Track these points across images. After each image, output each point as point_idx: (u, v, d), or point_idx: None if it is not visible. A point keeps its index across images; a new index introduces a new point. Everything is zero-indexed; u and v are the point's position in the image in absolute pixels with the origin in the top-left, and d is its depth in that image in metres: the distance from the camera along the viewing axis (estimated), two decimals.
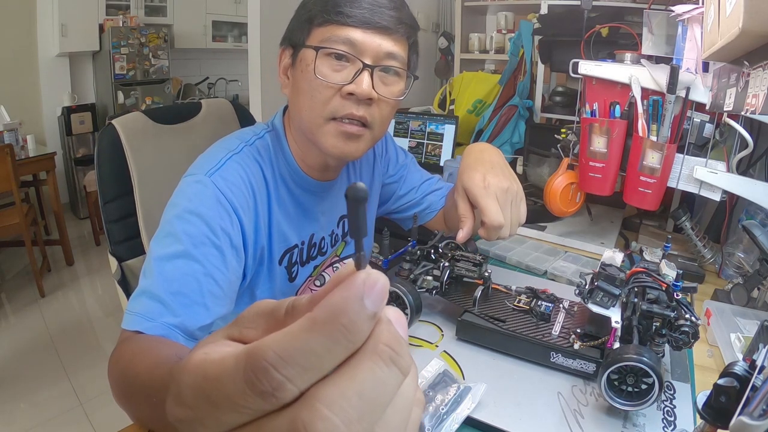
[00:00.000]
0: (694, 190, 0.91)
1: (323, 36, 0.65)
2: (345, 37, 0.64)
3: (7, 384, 1.90)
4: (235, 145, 0.72)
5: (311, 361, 0.18)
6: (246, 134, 0.75)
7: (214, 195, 0.64)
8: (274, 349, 0.18)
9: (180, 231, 0.61)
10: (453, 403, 0.54)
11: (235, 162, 0.69)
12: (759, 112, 0.68)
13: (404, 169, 0.97)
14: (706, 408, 0.40)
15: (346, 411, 0.18)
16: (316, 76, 0.65)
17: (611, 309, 0.61)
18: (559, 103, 1.52)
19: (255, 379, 0.18)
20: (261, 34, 1.78)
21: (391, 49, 0.66)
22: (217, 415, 0.19)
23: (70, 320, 2.39)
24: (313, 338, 0.18)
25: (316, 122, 0.67)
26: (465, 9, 2.21)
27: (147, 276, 0.59)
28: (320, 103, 0.66)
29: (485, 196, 0.70)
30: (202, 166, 0.68)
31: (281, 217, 0.74)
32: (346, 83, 0.65)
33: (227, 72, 4.43)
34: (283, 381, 0.18)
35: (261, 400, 0.18)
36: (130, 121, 0.94)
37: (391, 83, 0.69)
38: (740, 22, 0.56)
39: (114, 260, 0.92)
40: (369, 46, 0.65)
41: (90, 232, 3.32)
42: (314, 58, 0.65)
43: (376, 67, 0.66)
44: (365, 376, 0.18)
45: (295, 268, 0.78)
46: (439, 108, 1.96)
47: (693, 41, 0.91)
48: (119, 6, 3.80)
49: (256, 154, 0.72)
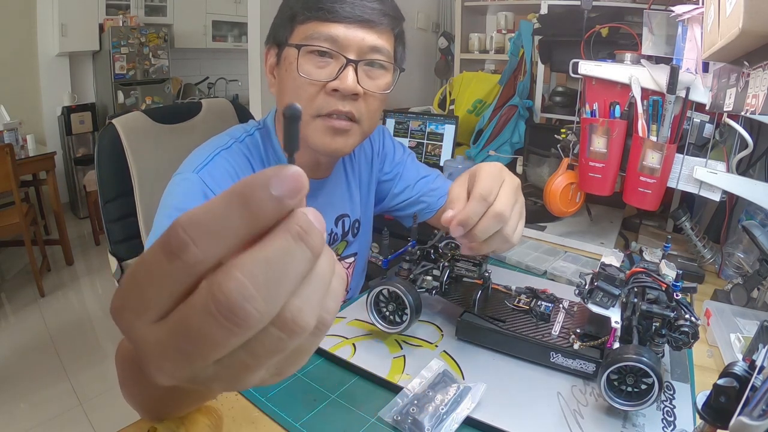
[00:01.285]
0: (694, 190, 0.91)
1: (306, 33, 0.65)
2: (327, 34, 0.64)
3: (7, 384, 1.90)
4: (224, 141, 0.72)
5: (213, 226, 0.20)
6: (237, 131, 0.75)
7: (201, 191, 0.65)
8: (185, 215, 0.20)
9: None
10: (453, 403, 0.54)
11: (222, 158, 0.69)
12: (759, 112, 0.68)
13: (401, 166, 0.96)
14: (705, 408, 0.40)
15: (256, 276, 0.19)
16: (300, 74, 0.64)
17: (611, 309, 0.61)
18: (559, 103, 1.52)
19: (165, 242, 0.20)
20: (261, 34, 1.78)
21: (375, 42, 0.66)
22: (141, 293, 0.21)
23: (69, 320, 2.39)
24: (216, 205, 0.20)
25: (303, 120, 0.67)
26: (465, 9, 2.21)
27: None
28: (306, 101, 0.66)
29: (491, 180, 0.56)
30: (191, 163, 0.68)
31: None
32: (330, 80, 0.64)
33: (227, 72, 4.43)
34: (187, 241, 0.19)
35: (170, 264, 0.20)
36: (130, 121, 0.94)
37: (376, 77, 0.68)
38: (740, 22, 0.56)
39: (114, 260, 0.92)
40: (352, 41, 0.64)
41: (90, 232, 3.32)
42: (297, 56, 0.64)
43: (361, 61, 0.65)
44: (275, 246, 0.20)
45: None
46: (439, 108, 1.96)
47: (693, 41, 0.91)
48: (119, 6, 3.80)
49: (245, 150, 0.73)
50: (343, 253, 0.90)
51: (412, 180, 0.95)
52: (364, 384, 0.60)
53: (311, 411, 0.55)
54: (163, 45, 3.92)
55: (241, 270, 0.19)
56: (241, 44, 4.42)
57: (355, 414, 0.55)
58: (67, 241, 2.92)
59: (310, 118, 0.67)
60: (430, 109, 1.98)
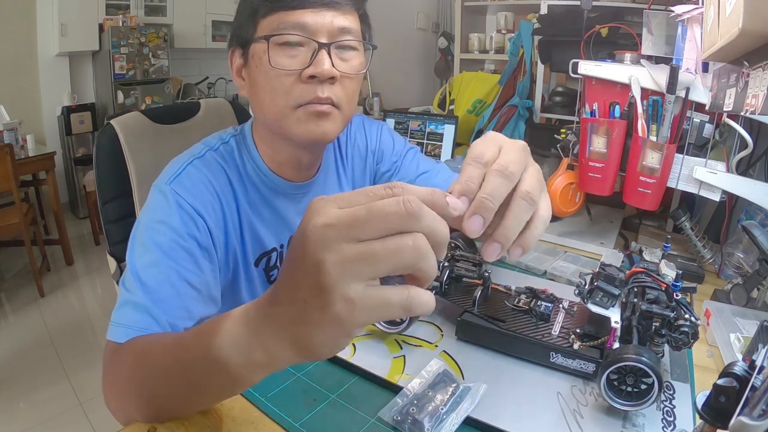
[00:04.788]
0: (694, 190, 0.91)
1: (272, 25, 0.63)
2: (295, 22, 0.62)
3: (7, 384, 1.90)
4: (198, 150, 0.72)
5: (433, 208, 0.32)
6: (212, 140, 0.74)
7: (175, 201, 0.64)
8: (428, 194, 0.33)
9: (148, 241, 0.62)
10: (453, 403, 0.54)
11: (194, 167, 0.69)
12: (759, 112, 0.68)
13: (399, 160, 0.92)
14: (705, 408, 0.40)
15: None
16: (272, 66, 0.63)
17: (611, 309, 0.61)
18: (559, 103, 1.52)
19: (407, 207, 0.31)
20: None
21: (343, 23, 0.65)
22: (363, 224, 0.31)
23: (69, 320, 2.39)
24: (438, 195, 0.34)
25: (282, 113, 0.65)
26: (465, 9, 2.21)
27: (127, 288, 0.60)
28: (282, 94, 0.64)
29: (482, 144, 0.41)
30: (166, 174, 0.68)
31: (255, 220, 0.74)
32: (304, 67, 0.63)
33: (227, 72, 4.35)
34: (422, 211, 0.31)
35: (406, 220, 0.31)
36: (128, 121, 0.93)
37: (349, 58, 0.67)
38: (740, 22, 0.56)
39: (113, 261, 0.92)
40: (321, 25, 0.63)
41: (90, 232, 3.32)
42: (266, 49, 0.63)
43: (332, 44, 0.64)
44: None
45: (274, 271, 0.78)
46: (439, 108, 1.96)
47: (693, 41, 0.91)
48: (119, 6, 3.79)
49: (219, 159, 0.72)
50: None
51: (411, 175, 0.92)
52: (364, 384, 0.60)
53: (311, 411, 0.55)
54: (163, 45, 3.92)
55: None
56: None
57: (355, 414, 0.55)
58: (66, 241, 2.92)
59: (290, 110, 0.65)
60: (430, 109, 1.98)
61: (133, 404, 0.50)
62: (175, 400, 0.47)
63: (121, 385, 0.52)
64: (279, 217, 0.76)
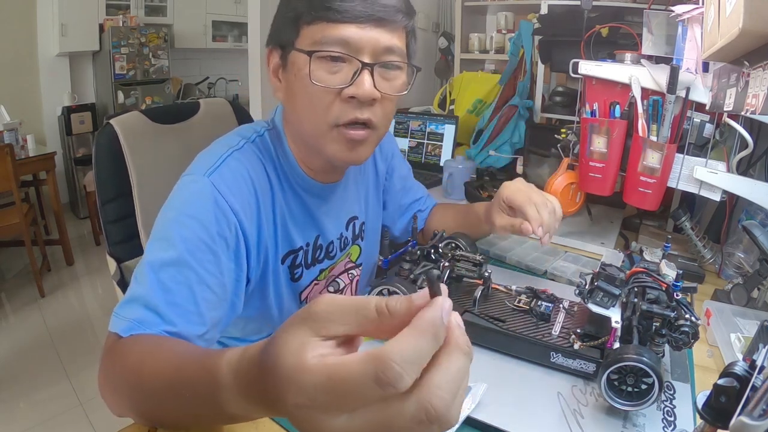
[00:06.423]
0: (694, 190, 0.91)
1: (314, 37, 0.60)
2: (338, 37, 0.59)
3: (7, 384, 1.90)
4: (235, 141, 0.69)
5: (418, 357, 0.27)
6: (247, 131, 0.72)
7: (212, 196, 0.61)
8: (396, 352, 0.27)
9: (175, 235, 0.58)
10: None
11: (235, 159, 0.66)
12: (759, 112, 0.68)
13: (393, 160, 0.95)
14: (706, 408, 0.40)
15: (451, 388, 0.28)
16: (313, 82, 0.60)
17: (611, 309, 0.61)
18: (559, 103, 1.52)
19: (383, 375, 0.26)
20: (261, 34, 1.78)
21: (389, 42, 0.61)
22: (340, 403, 0.28)
23: (69, 320, 2.39)
24: (420, 342, 0.27)
25: (320, 130, 0.64)
26: (465, 9, 2.21)
27: (140, 282, 0.57)
28: (322, 110, 0.62)
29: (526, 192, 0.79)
30: (202, 164, 0.64)
31: (287, 217, 0.72)
32: (345, 86, 0.60)
33: (227, 72, 4.43)
34: (401, 374, 0.26)
35: (382, 390, 0.27)
36: (128, 121, 0.93)
37: (392, 78, 0.64)
38: (740, 22, 0.56)
39: (113, 261, 0.92)
40: (366, 43, 0.60)
41: (90, 232, 3.32)
42: (308, 62, 0.60)
43: (376, 64, 0.61)
44: (458, 365, 0.28)
45: (299, 270, 0.76)
46: (439, 108, 1.96)
47: (693, 41, 0.90)
48: (119, 6, 3.79)
49: (258, 152, 0.69)
50: (357, 260, 0.86)
51: (404, 172, 0.97)
52: None
53: None
54: (163, 45, 3.92)
55: (441, 388, 0.27)
56: (241, 44, 4.42)
57: None
58: (67, 241, 2.92)
59: (328, 128, 0.63)
60: (430, 109, 1.98)
61: (126, 404, 0.50)
62: (167, 419, 0.47)
63: (115, 382, 0.51)
64: (309, 215, 0.75)
